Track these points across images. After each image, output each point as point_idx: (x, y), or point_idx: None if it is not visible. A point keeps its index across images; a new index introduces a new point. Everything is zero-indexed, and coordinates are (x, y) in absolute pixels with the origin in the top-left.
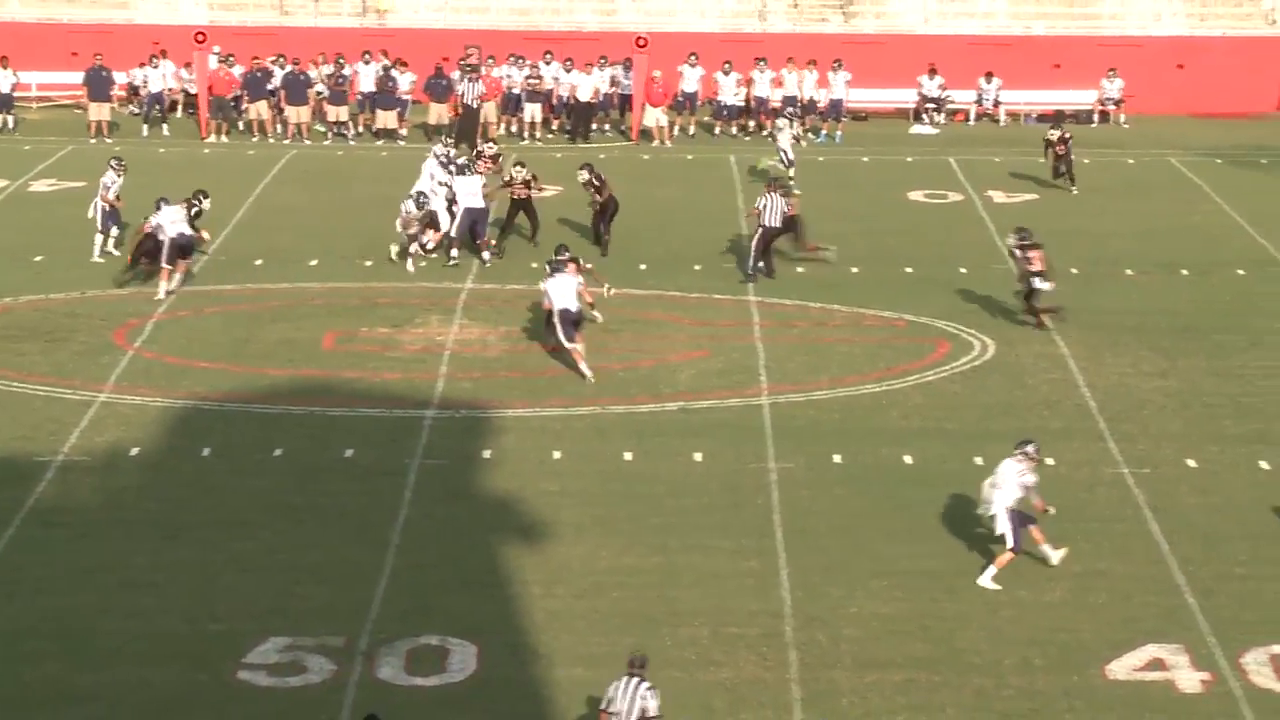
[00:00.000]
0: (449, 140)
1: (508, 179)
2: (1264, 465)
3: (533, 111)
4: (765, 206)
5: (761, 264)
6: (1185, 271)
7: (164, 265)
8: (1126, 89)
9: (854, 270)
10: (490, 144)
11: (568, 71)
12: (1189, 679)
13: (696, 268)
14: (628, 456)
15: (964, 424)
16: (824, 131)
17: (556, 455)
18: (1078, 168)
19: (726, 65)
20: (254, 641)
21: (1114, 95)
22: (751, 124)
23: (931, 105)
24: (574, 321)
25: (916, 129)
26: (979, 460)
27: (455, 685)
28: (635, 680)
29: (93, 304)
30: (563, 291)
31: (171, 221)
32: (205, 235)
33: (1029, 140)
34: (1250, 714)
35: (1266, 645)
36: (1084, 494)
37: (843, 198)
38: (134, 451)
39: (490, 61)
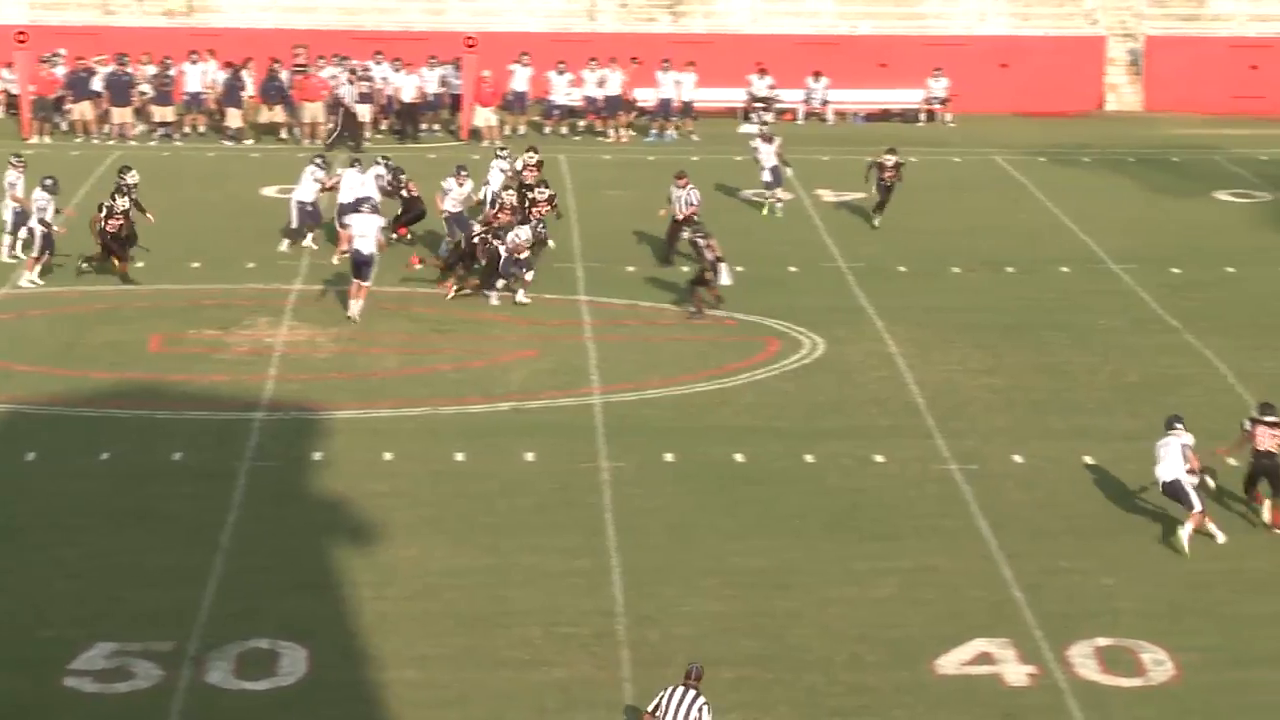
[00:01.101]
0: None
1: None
2: (1088, 460)
3: (363, 112)
4: (680, 198)
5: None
6: (1011, 269)
7: (34, 254)
8: (952, 88)
9: (685, 269)
10: (531, 152)
11: (397, 72)
12: (1016, 672)
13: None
14: (459, 457)
15: (794, 422)
16: (654, 131)
17: (387, 456)
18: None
19: (561, 65)
20: (80, 648)
21: (940, 94)
22: (581, 123)
23: (760, 104)
24: (365, 263)
25: (745, 128)
26: (809, 458)
27: (286, 689)
28: (691, 693)
29: None
30: (365, 231)
31: (39, 208)
32: (150, 218)
33: (857, 139)
34: (1075, 706)
35: (1091, 638)
36: (913, 491)
37: None
38: None
39: (320, 62)
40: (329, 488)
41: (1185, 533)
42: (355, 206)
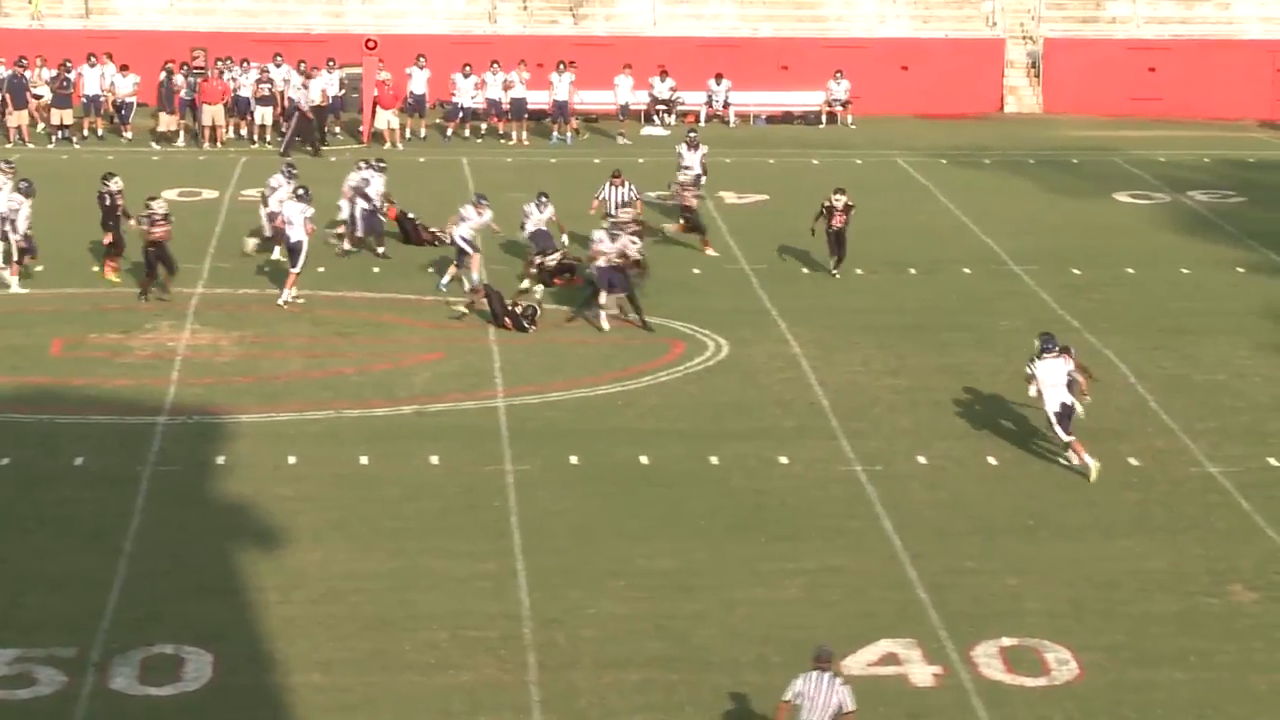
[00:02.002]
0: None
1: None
2: (991, 460)
3: (264, 115)
4: (608, 197)
5: None
6: (913, 270)
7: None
8: (853, 90)
9: (588, 271)
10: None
11: (302, 74)
12: (921, 673)
13: (430, 270)
14: (363, 461)
15: (699, 423)
16: (555, 134)
17: (291, 460)
18: (807, 168)
19: (466, 67)
20: None
21: (841, 96)
22: (484, 126)
23: (662, 107)
24: (291, 249)
25: (648, 130)
26: (714, 460)
27: (191, 694)
28: (828, 675)
29: None
30: (293, 218)
31: (12, 210)
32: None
33: (759, 141)
34: (980, 706)
35: (996, 638)
36: (817, 492)
37: (575, 200)
38: None
39: (219, 65)
40: (232, 492)
41: (1090, 460)
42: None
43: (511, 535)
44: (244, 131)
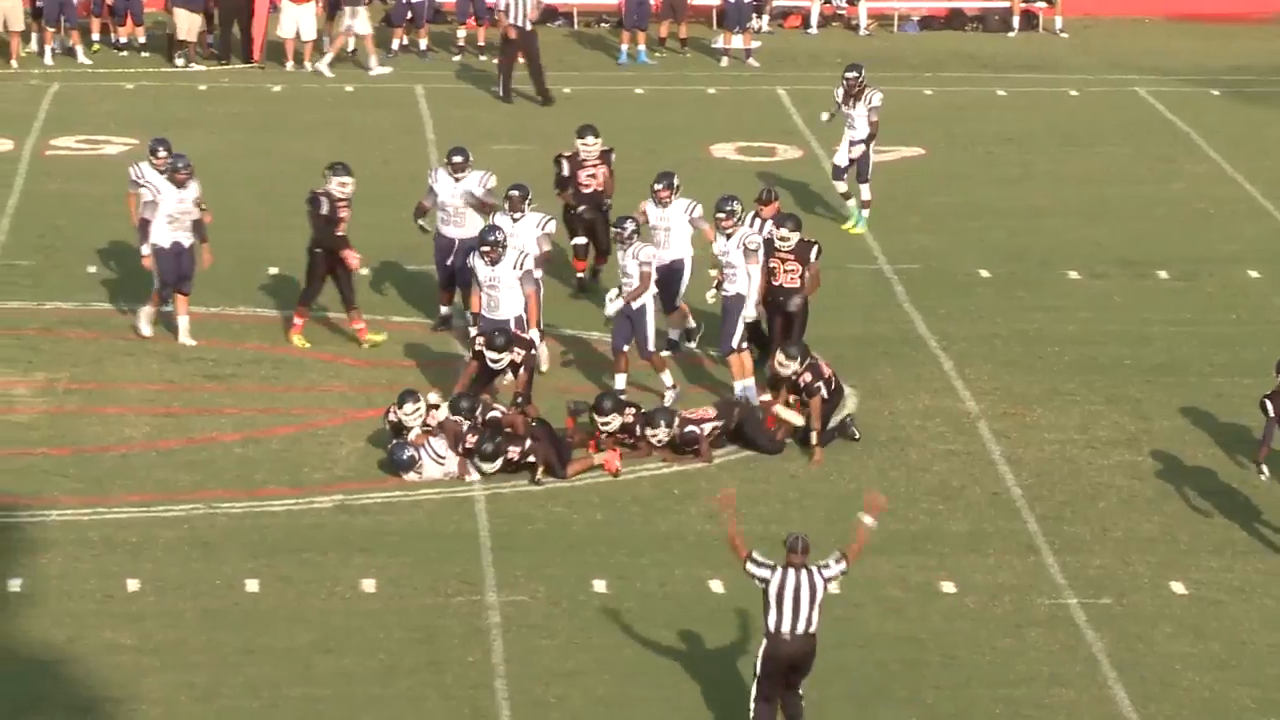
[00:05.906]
0: None
1: None
2: None
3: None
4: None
5: None
6: (1164, 274)
7: None
8: None
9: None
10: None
11: None
12: None
13: (364, 272)
14: (251, 587)
15: (811, 524)
16: (624, 47)
17: (133, 586)
18: (988, 102)
19: None
20: None
21: None
22: (461, 34)
23: (750, 2)
24: None
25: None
26: (833, 586)
27: None
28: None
29: None
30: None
31: None
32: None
33: (908, 60)
34: None
35: None
36: (1005, 640)
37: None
38: None
39: None
40: (34, 637)
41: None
42: None
43: (498, 713)
44: (54, 45)
